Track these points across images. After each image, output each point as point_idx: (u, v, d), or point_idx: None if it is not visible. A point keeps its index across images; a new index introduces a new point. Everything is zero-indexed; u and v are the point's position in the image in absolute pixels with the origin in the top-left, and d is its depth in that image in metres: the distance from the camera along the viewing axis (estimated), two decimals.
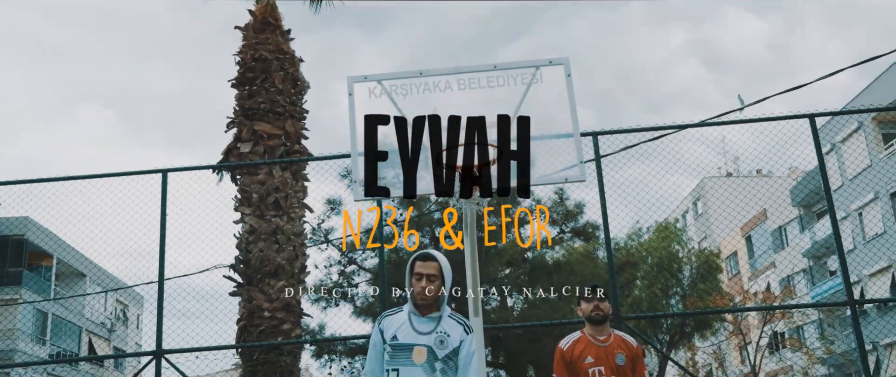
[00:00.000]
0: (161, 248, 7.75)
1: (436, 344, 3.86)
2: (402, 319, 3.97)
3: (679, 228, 33.40)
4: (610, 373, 4.56)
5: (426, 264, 3.96)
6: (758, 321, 33.10)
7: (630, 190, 13.12)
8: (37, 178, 8.49)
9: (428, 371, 3.81)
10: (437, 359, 3.84)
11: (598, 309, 4.73)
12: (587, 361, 4.59)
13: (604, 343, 4.65)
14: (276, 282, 9.11)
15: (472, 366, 3.86)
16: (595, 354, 4.61)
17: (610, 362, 4.58)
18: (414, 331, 3.90)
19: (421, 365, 3.82)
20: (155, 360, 7.53)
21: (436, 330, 3.90)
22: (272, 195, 9.43)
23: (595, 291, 4.81)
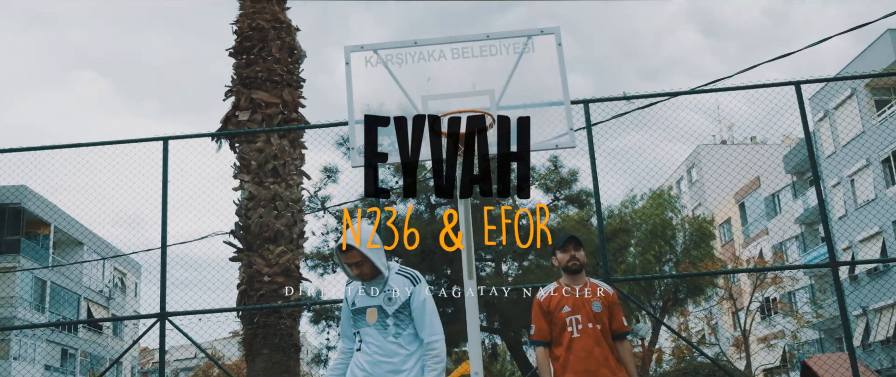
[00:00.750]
0: (163, 214, 7.93)
1: (384, 302, 4.12)
2: (357, 286, 4.26)
3: (673, 196, 33.65)
4: (586, 320, 4.59)
5: (346, 256, 4.19)
6: (750, 287, 33.51)
7: (624, 158, 13.30)
8: (35, 145, 8.59)
9: (380, 329, 4.08)
10: (388, 316, 4.09)
11: (574, 259, 4.75)
12: (564, 311, 4.63)
13: (580, 292, 4.68)
14: (275, 248, 9.33)
15: (424, 312, 4.09)
16: (571, 303, 4.65)
17: (586, 310, 4.61)
18: (366, 295, 4.18)
19: (373, 324, 4.09)
20: (159, 322, 7.75)
21: (383, 290, 4.15)
22: (271, 162, 9.61)
23: (570, 241, 4.83)
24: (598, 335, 4.56)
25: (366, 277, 4.19)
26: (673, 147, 23.08)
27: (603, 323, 4.61)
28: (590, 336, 4.55)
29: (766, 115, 8.63)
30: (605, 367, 4.51)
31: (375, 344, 4.08)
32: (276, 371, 8.94)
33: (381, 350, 4.05)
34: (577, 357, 4.52)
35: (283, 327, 9.11)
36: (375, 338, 4.08)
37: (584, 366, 4.49)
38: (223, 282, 9.40)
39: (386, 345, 4.06)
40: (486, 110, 6.23)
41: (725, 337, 40.26)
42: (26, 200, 36.65)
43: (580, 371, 4.50)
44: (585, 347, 4.53)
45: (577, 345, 4.54)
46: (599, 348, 4.53)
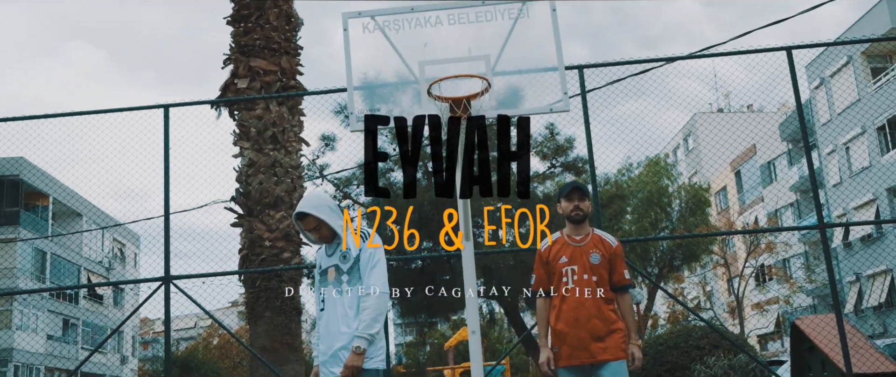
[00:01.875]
0: (166, 180, 8.07)
1: (340, 260, 4.31)
2: (321, 250, 4.50)
3: (669, 163, 33.82)
4: (582, 271, 4.53)
5: (303, 223, 4.39)
6: (744, 253, 33.80)
7: (621, 126, 13.34)
8: (34, 114, 8.65)
9: (336, 285, 4.27)
10: (343, 273, 4.27)
11: (578, 209, 4.66)
12: (561, 261, 4.58)
13: (579, 243, 4.61)
14: (275, 213, 9.49)
15: (370, 267, 4.24)
16: (569, 254, 4.58)
17: (583, 261, 4.55)
18: (326, 257, 4.41)
19: (332, 281, 4.29)
20: (164, 286, 7.93)
21: (337, 250, 4.34)
22: (270, 129, 9.74)
23: (575, 191, 4.74)
24: (593, 286, 4.50)
25: (326, 240, 4.39)
26: (670, 115, 23.24)
27: (600, 275, 4.54)
28: (583, 286, 4.50)
29: (763, 83, 8.74)
30: (597, 318, 4.46)
31: (332, 302, 4.27)
32: (278, 333, 9.15)
33: (336, 307, 4.24)
34: (569, 307, 4.50)
35: (285, 291, 9.30)
36: (332, 296, 4.27)
37: (574, 315, 4.47)
38: (224, 252, 9.56)
39: (341, 301, 4.23)
40: (483, 75, 6.36)
41: (720, 303, 40.67)
42: (25, 172, 36.75)
43: (571, 321, 4.48)
44: (578, 298, 4.50)
45: (570, 296, 4.51)
46: (593, 299, 4.48)
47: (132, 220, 11.97)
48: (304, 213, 4.34)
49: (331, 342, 4.23)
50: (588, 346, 4.44)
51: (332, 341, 4.22)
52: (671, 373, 12.69)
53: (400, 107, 6.90)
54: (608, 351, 4.45)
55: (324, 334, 4.29)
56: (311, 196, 4.47)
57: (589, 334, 4.44)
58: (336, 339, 4.20)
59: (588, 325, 4.45)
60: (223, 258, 9.53)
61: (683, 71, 38.62)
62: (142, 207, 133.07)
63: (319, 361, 4.33)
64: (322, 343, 4.30)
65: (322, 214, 4.33)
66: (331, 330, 4.24)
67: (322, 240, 4.40)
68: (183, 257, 10.25)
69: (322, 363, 4.29)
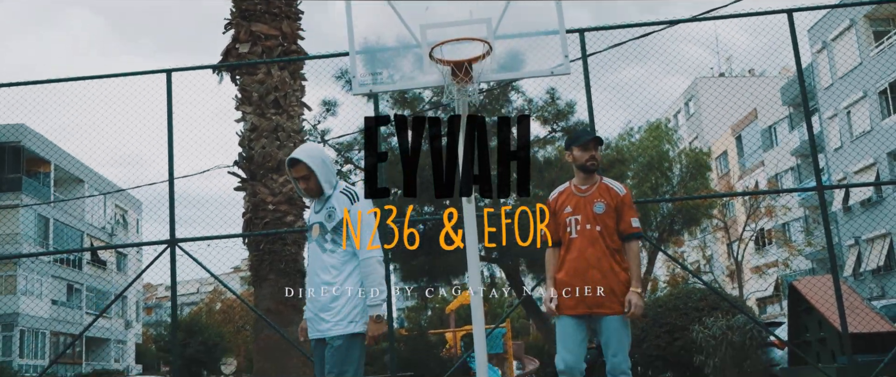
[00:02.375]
0: (169, 144, 8.12)
1: (325, 219, 4.26)
2: (311, 206, 4.46)
3: (670, 128, 33.81)
4: (585, 221, 4.50)
5: (293, 170, 4.33)
6: (744, 217, 33.93)
7: (622, 91, 13.35)
8: (36, 80, 8.67)
9: (320, 242, 4.24)
10: (328, 232, 4.22)
11: (594, 159, 4.61)
12: (566, 211, 4.56)
13: (584, 193, 4.58)
14: (278, 177, 9.57)
15: (360, 228, 4.19)
16: (574, 204, 4.56)
17: (587, 211, 4.51)
18: (313, 213, 4.38)
19: (316, 239, 4.26)
20: (169, 249, 8.02)
21: (324, 207, 4.30)
22: (272, 94, 9.78)
23: (593, 140, 4.67)
24: (595, 236, 4.46)
25: (312, 192, 4.32)
26: (671, 80, 23.21)
27: (604, 224, 4.48)
28: (586, 237, 4.46)
29: (765, 47, 8.76)
30: (595, 269, 4.42)
31: (315, 259, 4.25)
32: (283, 295, 9.27)
33: (319, 264, 4.22)
34: (571, 256, 4.48)
35: (288, 253, 9.41)
36: (316, 253, 4.25)
37: (575, 265, 4.45)
38: (228, 218, 9.64)
39: (322, 259, 4.21)
40: (484, 38, 6.39)
41: (719, 267, 40.91)
42: (25, 139, 36.79)
43: (571, 272, 4.46)
44: (580, 247, 4.47)
45: (573, 246, 4.49)
46: (593, 249, 4.44)
47: (134, 186, 12.02)
48: (296, 159, 4.29)
49: (313, 301, 4.24)
50: (585, 298, 4.42)
51: (314, 301, 4.22)
52: (670, 335, 12.86)
53: (401, 71, 6.94)
54: (605, 305, 4.43)
55: (310, 293, 4.30)
56: (307, 146, 4.45)
57: (588, 286, 4.41)
58: (317, 299, 4.20)
59: (587, 276, 4.42)
60: (227, 223, 9.60)
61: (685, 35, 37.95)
62: (144, 174, 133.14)
63: (306, 317, 4.36)
64: (308, 300, 4.32)
65: (313, 165, 4.29)
66: (313, 287, 4.24)
67: (309, 193, 4.33)
68: (187, 223, 10.35)
69: (308, 319, 4.31)
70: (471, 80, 6.61)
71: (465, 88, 6.59)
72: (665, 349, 12.91)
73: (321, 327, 4.16)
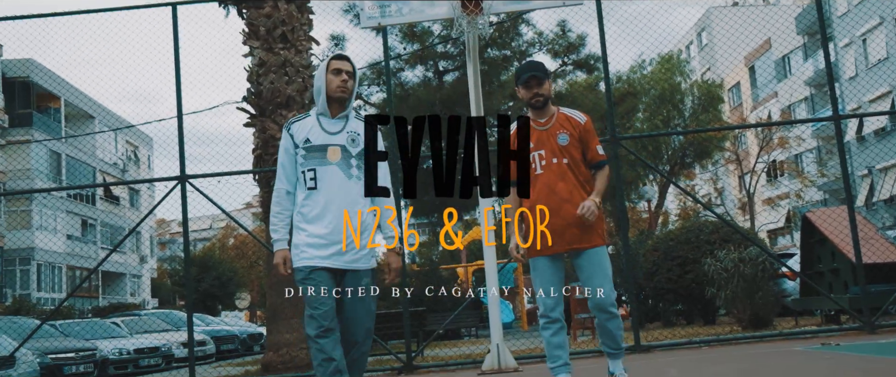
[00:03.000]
0: (177, 78, 8.05)
1: (348, 142, 3.93)
2: (311, 123, 3.99)
3: (682, 60, 33.38)
4: (551, 155, 4.29)
5: (344, 62, 4.02)
6: (757, 149, 33.72)
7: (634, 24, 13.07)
8: (42, 13, 8.59)
9: (344, 168, 3.89)
10: (352, 156, 3.91)
11: (537, 96, 4.36)
12: (528, 147, 4.27)
13: (544, 126, 4.35)
14: (287, 113, 9.49)
15: (383, 167, 3.98)
16: (536, 139, 4.31)
17: (551, 144, 4.31)
18: (325, 133, 3.93)
19: (336, 162, 3.89)
20: (180, 184, 8.02)
21: (345, 129, 3.95)
22: (279, 28, 9.63)
23: (532, 79, 4.36)
24: (563, 170, 4.27)
25: (345, 93, 3.96)
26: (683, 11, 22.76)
27: (570, 155, 4.30)
28: (553, 171, 4.27)
29: None
30: (568, 204, 4.22)
31: (338, 183, 3.88)
32: None
33: (344, 190, 3.88)
34: (540, 193, 4.23)
35: None
36: (339, 177, 3.88)
37: (545, 202, 4.20)
38: (238, 154, 9.59)
39: (349, 186, 3.89)
40: None
41: (731, 199, 40.86)
42: (34, 73, 36.66)
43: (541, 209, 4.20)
44: (548, 183, 4.25)
45: (540, 182, 4.26)
46: (563, 183, 4.25)
47: (144, 122, 11.92)
48: (349, 58, 4.05)
49: (338, 225, 3.83)
50: (563, 234, 4.22)
51: (338, 229, 3.83)
52: (681, 268, 12.90)
53: (409, 5, 6.81)
54: (585, 238, 4.25)
55: (326, 219, 3.84)
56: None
57: (563, 221, 4.21)
58: (341, 227, 3.85)
59: (561, 211, 4.21)
60: (237, 160, 9.60)
61: None
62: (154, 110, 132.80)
63: (309, 244, 3.84)
64: (318, 227, 3.84)
65: (356, 74, 4.05)
66: (340, 214, 3.84)
67: (341, 92, 3.94)
68: (198, 160, 10.35)
69: (313, 247, 3.83)
70: (481, 11, 6.51)
71: (475, 20, 6.49)
72: (676, 282, 12.98)
73: (347, 258, 3.85)
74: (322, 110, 4.00)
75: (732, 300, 10.28)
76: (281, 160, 3.98)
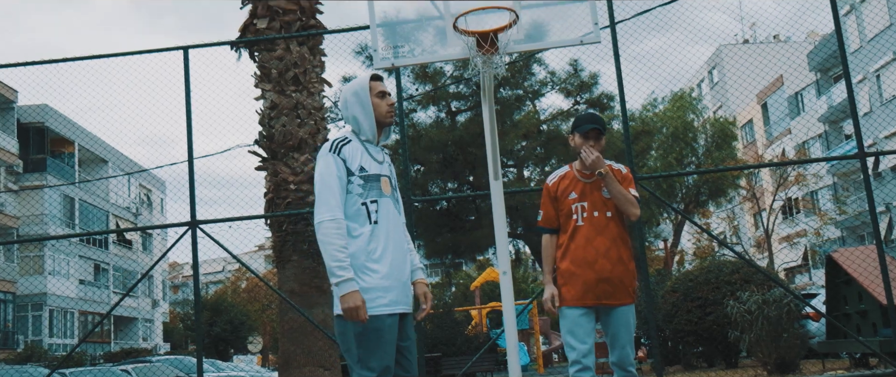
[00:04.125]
0: (188, 123, 7.96)
1: (390, 173, 3.67)
2: (359, 149, 3.61)
3: (694, 98, 33.29)
4: (593, 208, 4.32)
5: (384, 84, 3.75)
6: (772, 187, 33.43)
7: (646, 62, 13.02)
8: (56, 58, 8.56)
9: (393, 202, 3.60)
10: (394, 189, 3.66)
11: (593, 151, 4.40)
12: (571, 197, 4.38)
13: (589, 178, 4.40)
14: (299, 156, 9.36)
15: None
16: (580, 190, 4.38)
17: (595, 197, 4.35)
18: (375, 161, 3.62)
19: (388, 195, 3.59)
20: (190, 230, 7.88)
21: (385, 160, 3.71)
22: (291, 70, 9.55)
23: (593, 130, 4.41)
24: (604, 223, 4.29)
25: (392, 119, 3.68)
26: (694, 50, 22.82)
27: (614, 208, 4.32)
28: (593, 225, 4.29)
29: (791, 12, 8.44)
30: (604, 259, 4.24)
31: (393, 217, 3.56)
32: (307, 276, 9.10)
33: (398, 227, 3.58)
34: (577, 245, 4.29)
35: (311, 234, 9.22)
36: (392, 210, 3.56)
37: (582, 254, 4.26)
38: (251, 197, 9.48)
39: (398, 219, 3.60)
40: (509, 6, 6.12)
41: (747, 238, 40.42)
42: (49, 119, 36.93)
43: (578, 260, 4.27)
44: (587, 236, 4.28)
45: (579, 234, 4.30)
46: (601, 238, 4.27)
47: (156, 166, 11.85)
48: (383, 77, 3.79)
49: (403, 266, 3.54)
50: (594, 288, 4.25)
51: (403, 268, 3.54)
52: (702, 309, 12.60)
53: (422, 46, 6.70)
54: (615, 295, 4.27)
55: (389, 258, 3.48)
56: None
57: (596, 275, 4.23)
58: (405, 263, 3.57)
59: (596, 265, 4.24)
60: (250, 203, 9.48)
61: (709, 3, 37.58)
62: (167, 153, 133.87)
63: (382, 286, 3.45)
64: (384, 266, 3.45)
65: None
66: (401, 254, 3.54)
67: (390, 117, 3.65)
68: (210, 203, 10.24)
69: (385, 290, 3.44)
70: (496, 50, 6.36)
71: (490, 60, 6.33)
72: (697, 324, 12.67)
73: (407, 298, 3.57)
74: (369, 137, 3.64)
75: (757, 343, 9.99)
76: (331, 185, 3.48)
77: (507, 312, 6.27)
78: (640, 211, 4.36)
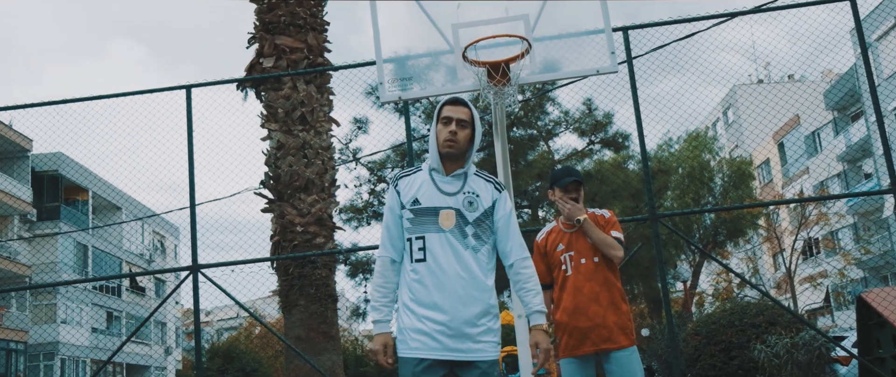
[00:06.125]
0: (190, 164, 7.70)
1: (464, 205, 3.28)
2: (423, 179, 3.36)
3: (710, 138, 32.96)
4: (579, 257, 4.36)
5: (456, 108, 3.35)
6: (791, 227, 32.87)
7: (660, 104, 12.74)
8: (60, 99, 8.39)
9: (458, 237, 3.23)
10: (468, 224, 3.26)
11: (575, 200, 4.45)
12: (559, 249, 4.44)
13: (573, 228, 4.44)
14: (306, 197, 9.09)
15: (511, 227, 3.34)
16: (566, 241, 4.43)
17: (580, 245, 4.38)
18: (439, 192, 3.30)
19: (450, 230, 3.24)
20: (192, 275, 7.57)
21: (463, 190, 3.31)
22: (298, 109, 9.32)
23: (572, 184, 4.45)
24: (592, 269, 4.32)
25: (455, 147, 3.29)
26: (708, 91, 22.58)
27: (599, 255, 4.35)
28: (581, 272, 4.34)
29: (806, 51, 8.17)
30: (595, 304, 4.26)
31: (451, 256, 3.21)
32: (314, 322, 8.75)
33: (460, 264, 3.21)
34: (568, 294, 4.33)
35: (319, 277, 8.90)
36: (452, 248, 3.21)
37: (573, 303, 4.28)
38: (260, 240, 9.19)
39: (465, 258, 3.21)
40: (522, 35, 5.85)
41: (767, 279, 39.71)
42: (63, 167, 36.99)
43: (570, 309, 4.28)
44: (575, 284, 4.33)
45: (568, 283, 4.35)
46: (590, 284, 4.30)
47: (166, 211, 11.53)
48: (464, 101, 3.36)
49: (457, 309, 3.18)
50: (589, 335, 4.24)
51: (457, 311, 3.17)
52: (726, 353, 12.12)
53: (433, 85, 6.41)
54: (612, 339, 4.24)
55: (433, 299, 3.19)
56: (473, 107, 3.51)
57: (589, 322, 4.24)
58: (466, 306, 3.18)
59: (588, 312, 4.25)
60: (263, 247, 9.17)
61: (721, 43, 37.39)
62: (182, 199, 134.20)
63: (417, 331, 3.20)
64: (423, 307, 3.21)
65: (475, 117, 3.36)
66: (456, 292, 3.18)
67: (450, 146, 3.28)
68: (219, 249, 9.95)
69: (424, 334, 3.19)
70: (508, 81, 6.08)
71: (502, 91, 6.05)
72: (721, 369, 12.17)
73: (463, 346, 3.19)
74: (435, 166, 3.36)
75: None
76: (385, 221, 3.35)
77: (522, 357, 5.91)
78: (622, 252, 4.35)
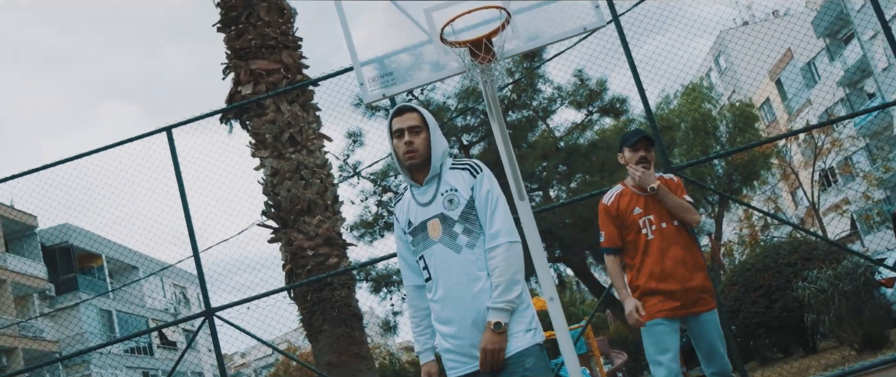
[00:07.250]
0: (184, 207, 7.41)
1: (445, 206, 3.12)
2: (407, 199, 3.28)
3: (706, 88, 32.61)
4: (660, 220, 4.24)
5: (404, 118, 3.22)
6: (805, 160, 32.46)
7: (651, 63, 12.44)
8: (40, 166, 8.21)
9: (449, 243, 3.08)
10: (455, 223, 3.09)
11: (645, 159, 4.35)
12: (635, 212, 4.28)
13: (646, 192, 4.30)
14: (311, 219, 8.79)
15: (488, 208, 3.10)
16: (643, 204, 4.29)
17: (659, 209, 4.26)
18: (419, 206, 3.20)
19: (439, 239, 3.10)
20: (206, 320, 7.28)
21: (439, 191, 3.17)
22: (286, 131, 9.03)
23: (641, 141, 4.40)
24: (673, 234, 4.22)
25: (415, 159, 3.18)
26: (696, 42, 22.22)
27: (677, 218, 4.26)
28: (664, 235, 4.22)
29: None
30: (682, 267, 4.16)
31: (448, 266, 3.07)
32: (343, 344, 8.46)
33: (459, 271, 3.05)
34: (653, 259, 4.20)
35: (339, 299, 8.59)
36: (446, 259, 3.08)
37: (660, 267, 4.17)
38: (276, 274, 8.93)
39: (461, 262, 3.06)
40: (498, 4, 5.54)
41: (790, 217, 39.28)
42: (72, 237, 36.83)
43: (657, 274, 4.17)
44: (660, 247, 4.20)
45: (652, 247, 4.21)
46: (675, 247, 4.19)
47: (177, 261, 11.29)
48: (409, 107, 3.25)
49: (464, 320, 3.03)
50: (679, 298, 4.17)
51: (466, 318, 3.02)
52: (767, 298, 11.76)
53: (416, 76, 6.13)
54: (700, 302, 4.20)
55: (449, 312, 3.06)
56: (422, 108, 3.37)
57: (680, 285, 4.17)
58: (473, 312, 3.02)
59: (676, 275, 4.16)
60: (277, 278, 8.91)
61: None
62: None
63: (447, 351, 3.10)
64: (445, 324, 3.09)
65: (428, 120, 3.25)
66: (463, 303, 3.03)
67: (409, 158, 3.18)
68: (235, 290, 9.66)
69: (445, 352, 3.11)
70: (494, 57, 5.75)
71: (489, 68, 5.73)
72: (764, 315, 11.81)
73: (475, 352, 3.08)
74: (407, 181, 3.31)
75: (838, 323, 9.14)
76: (398, 251, 3.35)
77: (562, 340, 5.58)
78: (699, 217, 4.32)
